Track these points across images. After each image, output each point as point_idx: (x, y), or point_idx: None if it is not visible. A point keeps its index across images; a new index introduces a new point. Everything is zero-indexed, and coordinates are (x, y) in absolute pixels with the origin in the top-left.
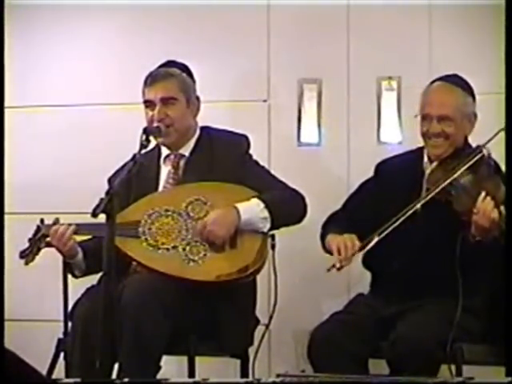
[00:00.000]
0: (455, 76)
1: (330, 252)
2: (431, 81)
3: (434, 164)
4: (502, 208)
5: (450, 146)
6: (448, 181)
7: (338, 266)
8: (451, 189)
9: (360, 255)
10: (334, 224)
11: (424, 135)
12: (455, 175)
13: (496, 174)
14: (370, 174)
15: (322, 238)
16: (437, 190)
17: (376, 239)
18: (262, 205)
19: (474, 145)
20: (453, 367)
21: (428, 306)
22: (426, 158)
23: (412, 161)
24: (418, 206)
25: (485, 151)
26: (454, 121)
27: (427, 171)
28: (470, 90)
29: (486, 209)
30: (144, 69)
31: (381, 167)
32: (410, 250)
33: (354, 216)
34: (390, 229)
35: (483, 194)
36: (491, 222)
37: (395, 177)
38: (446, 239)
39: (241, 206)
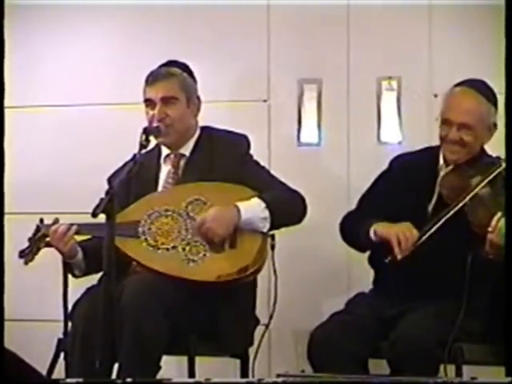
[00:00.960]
0: (481, 82)
1: (376, 243)
2: (455, 83)
3: (449, 168)
4: None
5: (467, 153)
6: (470, 195)
7: (399, 257)
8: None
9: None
10: (365, 216)
11: (442, 139)
12: (477, 190)
13: None
14: (371, 174)
15: (353, 233)
16: (464, 202)
17: (433, 229)
18: (262, 204)
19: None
20: (452, 367)
21: (428, 306)
22: (441, 161)
23: (426, 160)
24: (451, 213)
25: (503, 162)
26: (473, 130)
27: (441, 173)
28: (494, 100)
29: (502, 228)
30: (144, 69)
31: (394, 163)
32: (416, 252)
33: (368, 214)
34: (436, 227)
35: (499, 213)
36: (504, 241)
37: (408, 174)
38: (454, 245)
39: (242, 205)
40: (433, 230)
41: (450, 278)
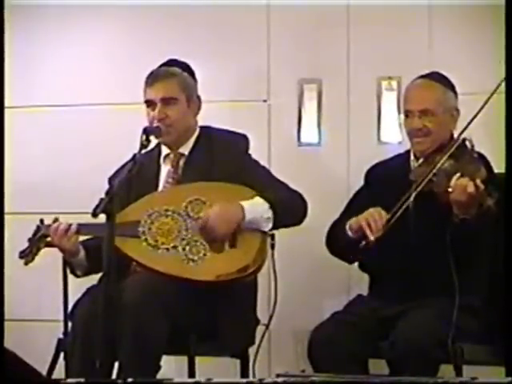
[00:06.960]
0: (435, 73)
1: (353, 240)
2: (412, 80)
3: (420, 161)
4: (480, 183)
5: (434, 141)
6: (433, 171)
7: (372, 238)
8: (433, 177)
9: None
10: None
11: (408, 133)
12: (438, 164)
13: (479, 162)
14: None
15: (333, 236)
16: (426, 180)
17: (400, 211)
18: (266, 205)
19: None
20: (452, 367)
21: (427, 305)
22: (412, 156)
23: (400, 162)
24: (412, 196)
25: (468, 143)
26: (435, 115)
27: (413, 168)
28: (451, 86)
29: (460, 184)
30: (144, 69)
31: (370, 174)
32: (405, 250)
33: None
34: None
35: (459, 174)
36: (468, 196)
37: (385, 181)
38: (438, 234)
39: (246, 205)
40: (403, 207)
41: (446, 274)
